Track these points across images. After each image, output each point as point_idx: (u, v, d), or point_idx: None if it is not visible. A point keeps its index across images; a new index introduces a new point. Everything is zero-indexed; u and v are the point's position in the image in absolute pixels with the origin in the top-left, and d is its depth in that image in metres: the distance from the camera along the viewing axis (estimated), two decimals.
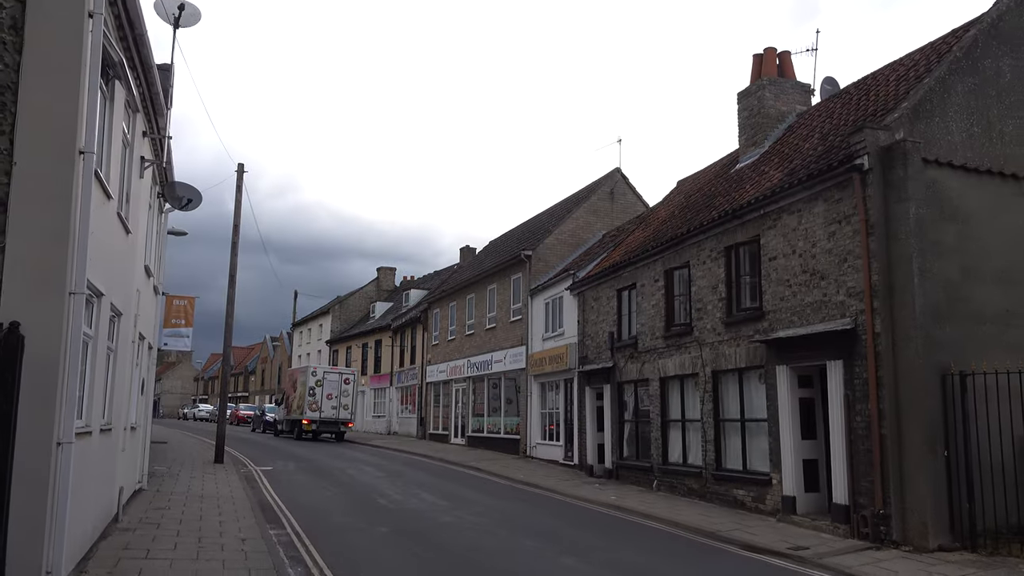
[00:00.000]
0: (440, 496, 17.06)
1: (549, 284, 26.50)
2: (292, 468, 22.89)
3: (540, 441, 26.70)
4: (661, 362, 18.27)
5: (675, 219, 20.39)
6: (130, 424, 12.49)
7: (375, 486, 18.64)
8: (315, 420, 36.13)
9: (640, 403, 19.63)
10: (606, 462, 21.09)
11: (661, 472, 18.05)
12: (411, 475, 21.68)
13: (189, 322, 27.74)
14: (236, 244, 24.64)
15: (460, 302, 36.03)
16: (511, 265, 30.20)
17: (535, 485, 19.75)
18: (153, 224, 14.05)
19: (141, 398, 14.16)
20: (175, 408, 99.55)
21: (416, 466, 24.72)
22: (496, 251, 36.80)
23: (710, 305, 16.41)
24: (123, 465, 11.89)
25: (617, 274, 21.00)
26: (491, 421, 31.62)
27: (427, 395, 39.78)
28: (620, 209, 30.18)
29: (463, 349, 34.84)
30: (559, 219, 30.43)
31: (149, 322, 14.63)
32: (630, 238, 23.46)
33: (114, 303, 9.55)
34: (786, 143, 17.59)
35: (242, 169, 24.96)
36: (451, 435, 35.89)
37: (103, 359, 9.23)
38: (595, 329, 22.34)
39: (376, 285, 62.04)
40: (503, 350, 30.21)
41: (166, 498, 14.50)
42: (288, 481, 19.40)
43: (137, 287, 11.89)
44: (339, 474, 21.36)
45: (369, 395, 50.39)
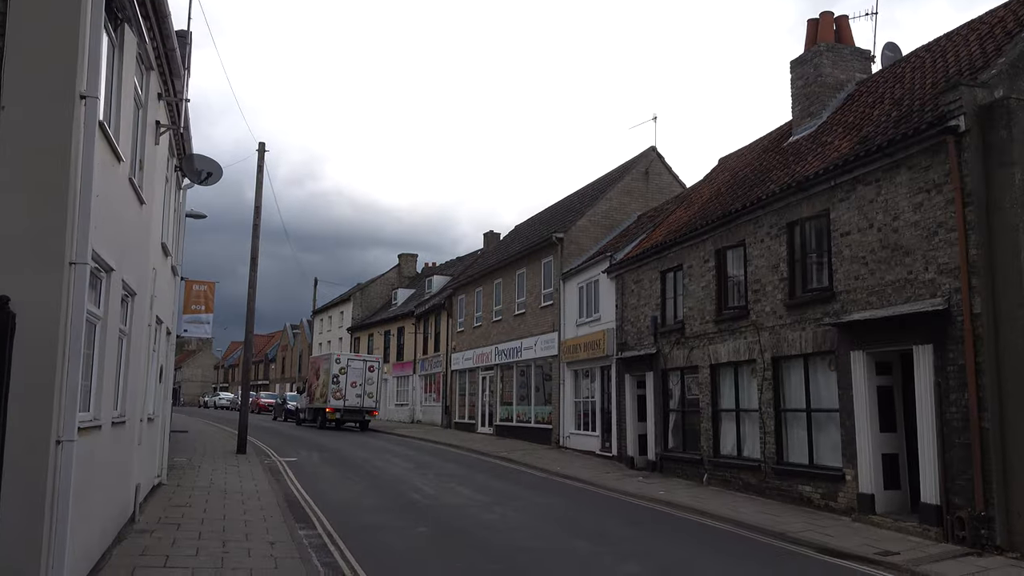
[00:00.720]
0: (476, 490, 15.99)
1: (583, 267, 25.30)
2: (317, 459, 21.93)
3: (574, 431, 25.58)
4: (712, 348, 17.06)
5: (722, 197, 19.12)
6: (147, 415, 11.48)
7: (406, 479, 17.60)
8: (339, 409, 35.10)
9: (687, 392, 18.44)
10: (649, 454, 19.93)
11: (712, 465, 16.87)
12: (442, 466, 20.64)
13: (209, 308, 26.81)
14: (258, 226, 23.63)
15: (487, 287, 34.91)
16: (541, 248, 29.01)
17: (574, 478, 18.65)
18: (171, 199, 13.00)
19: (159, 387, 13.15)
20: (196, 396, 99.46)
21: (445, 456, 23.69)
22: (524, 235, 35.61)
23: (769, 286, 15.16)
24: (140, 460, 10.88)
25: (661, 255, 19.76)
26: (520, 410, 30.53)
27: (452, 383, 38.76)
28: (655, 189, 28.88)
29: (490, 336, 33.75)
30: (592, 200, 29.17)
31: (167, 305, 13.61)
32: (671, 218, 22.20)
33: (126, 281, 8.49)
34: (849, 111, 16.25)
35: (263, 149, 23.94)
36: (478, 424, 34.86)
37: (114, 344, 8.17)
38: (635, 314, 21.14)
39: (397, 272, 61.07)
40: (533, 336, 29.07)
41: (187, 494, 13.51)
42: (314, 473, 18.41)
43: (153, 266, 10.84)
44: (366, 465, 20.36)
45: (392, 383, 49.48)
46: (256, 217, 23.62)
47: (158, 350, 12.65)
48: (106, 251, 7.14)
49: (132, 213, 8.82)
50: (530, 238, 32.13)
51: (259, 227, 23.63)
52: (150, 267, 10.48)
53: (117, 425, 8.60)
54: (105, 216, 7.06)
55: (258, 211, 23.62)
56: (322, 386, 36.42)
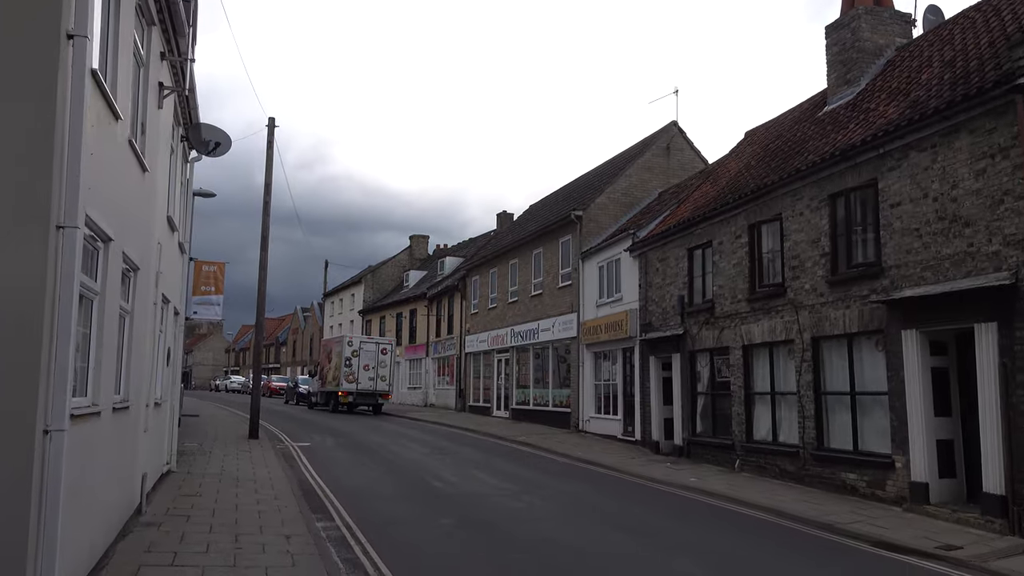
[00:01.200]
0: (499, 477, 15.29)
1: (603, 246, 24.49)
2: (331, 444, 21.31)
3: (594, 415, 24.87)
4: (745, 328, 16.26)
5: (753, 170, 18.24)
6: (153, 400, 10.80)
7: (424, 465, 16.93)
8: (351, 392, 34.38)
9: (717, 374, 17.67)
10: (675, 438, 19.20)
11: (744, 451, 16.12)
12: (460, 452, 19.97)
13: (219, 289, 26.14)
14: (268, 204, 22.89)
15: (502, 268, 34.13)
16: (559, 227, 28.17)
17: (598, 464, 17.94)
18: (177, 171, 12.26)
19: (167, 370, 12.47)
20: (207, 380, 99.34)
21: (462, 441, 23.03)
22: (540, 214, 34.76)
23: (809, 262, 14.33)
24: (147, 447, 10.20)
25: (688, 231, 18.93)
26: (537, 393, 29.83)
27: (466, 366, 38.09)
28: (677, 165, 27.96)
29: (505, 317, 33.01)
30: (611, 177, 28.28)
31: (175, 284, 12.90)
32: (696, 194, 21.34)
33: (128, 253, 7.75)
34: (892, 77, 15.33)
35: (272, 124, 23.15)
36: (493, 407, 34.21)
37: (114, 322, 7.45)
38: (660, 293, 20.34)
39: (409, 253, 60.33)
40: (551, 318, 28.31)
41: (197, 482, 12.86)
42: (329, 459, 17.77)
43: (158, 240, 10.12)
44: (382, 451, 19.70)
45: (404, 366, 48.86)
46: (266, 195, 22.88)
47: (165, 331, 11.96)
48: (103, 218, 6.40)
49: (133, 180, 8.08)
50: (547, 217, 31.29)
51: (269, 205, 22.89)
52: (154, 241, 9.75)
53: (119, 411, 7.89)
54: (101, 179, 6.32)
55: (268, 188, 22.87)
56: (334, 369, 35.79)
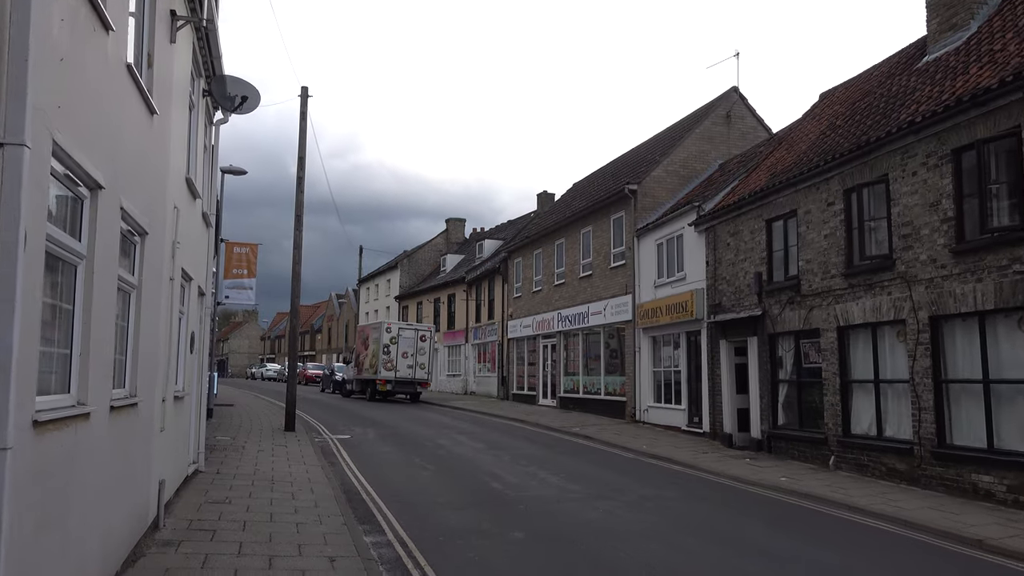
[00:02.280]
0: (564, 476, 13.57)
1: (663, 221, 22.56)
2: (373, 437, 19.77)
3: (653, 404, 23.03)
4: (840, 307, 14.31)
5: (842, 130, 16.20)
6: (173, 393, 9.22)
7: (479, 462, 15.27)
8: (390, 380, 33.23)
9: (804, 359, 15.73)
10: (752, 431, 17.32)
11: (840, 446, 14.21)
12: (514, 446, 18.29)
13: (252, 272, 24.71)
14: (302, 179, 21.31)
15: (546, 249, 32.32)
16: (611, 203, 26.26)
17: (668, 459, 16.15)
18: (198, 130, 10.64)
19: (191, 357, 10.91)
20: (243, 368, 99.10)
21: (513, 433, 21.36)
22: (587, 191, 32.84)
23: (926, 229, 12.33)
24: (164, 449, 8.63)
25: (766, 201, 16.96)
26: (588, 380, 28.05)
27: (509, 352, 36.41)
28: (738, 135, 25.88)
29: (552, 301, 31.24)
30: (667, 148, 26.27)
31: (199, 260, 11.31)
32: (769, 161, 19.32)
33: (129, 211, 6.12)
34: (1014, 15, 13.22)
35: (306, 94, 21.54)
36: (539, 396, 32.51)
37: (110, 296, 5.82)
38: (732, 271, 18.40)
39: (445, 237, 58.74)
40: (602, 300, 26.48)
41: (227, 484, 11.31)
42: (372, 454, 16.20)
43: (175, 203, 8.49)
44: (430, 445, 18.10)
45: (443, 353, 47.35)
46: (300, 170, 21.31)
47: (187, 313, 10.38)
48: (86, 154, 4.74)
49: (136, 120, 6.43)
50: (596, 193, 29.37)
51: (303, 180, 21.31)
52: (169, 203, 8.12)
53: (122, 410, 6.27)
54: (83, 102, 4.67)
55: (302, 162, 21.29)
56: (372, 356, 34.60)
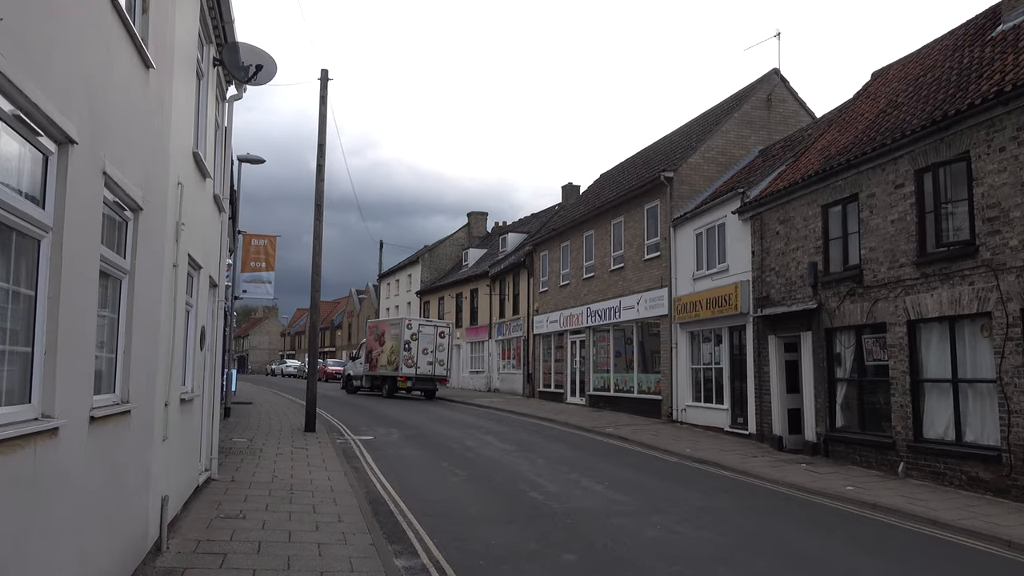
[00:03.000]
0: (608, 484, 12.41)
1: (702, 210, 21.31)
2: (397, 438, 18.70)
3: (691, 403, 21.80)
4: (911, 299, 13.03)
5: (906, 107, 14.90)
6: (179, 395, 8.15)
7: (513, 467, 14.14)
8: (411, 376, 32.99)
9: (867, 355, 14.47)
10: (805, 433, 16.07)
11: (911, 451, 12.95)
12: (547, 448, 17.16)
13: (270, 265, 23.71)
14: (322, 167, 20.26)
15: (575, 241, 31.12)
16: (645, 192, 25.02)
17: (715, 464, 14.95)
18: (207, 101, 9.55)
19: (200, 355, 9.84)
20: (263, 364, 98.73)
21: (544, 434, 20.22)
22: (616, 181, 31.59)
23: (1017, 211, 11.03)
24: (168, 460, 7.56)
25: (822, 185, 15.68)
26: (620, 378, 26.84)
27: (535, 348, 35.26)
28: (779, 119, 24.54)
29: (580, 295, 30.05)
30: (704, 134, 24.97)
31: (209, 246, 10.25)
32: (820, 144, 18.02)
33: (115, 177, 5.03)
34: None
35: (326, 77, 20.48)
36: (566, 393, 31.35)
37: (90, 281, 4.73)
38: (782, 261, 17.13)
39: (467, 231, 57.68)
40: (635, 294, 25.25)
41: (242, 495, 10.25)
42: (398, 459, 15.13)
43: (178, 178, 7.41)
44: (457, 447, 17.00)
45: (465, 349, 46.30)
46: (320, 157, 20.26)
47: (196, 306, 9.31)
48: (49, 96, 3.64)
49: (125, 69, 5.33)
50: (628, 182, 28.12)
51: (323, 168, 20.26)
52: (171, 176, 7.04)
53: (108, 419, 5.19)
54: (45, 27, 3.56)
55: (322, 149, 20.23)
56: (390, 352, 34.25)
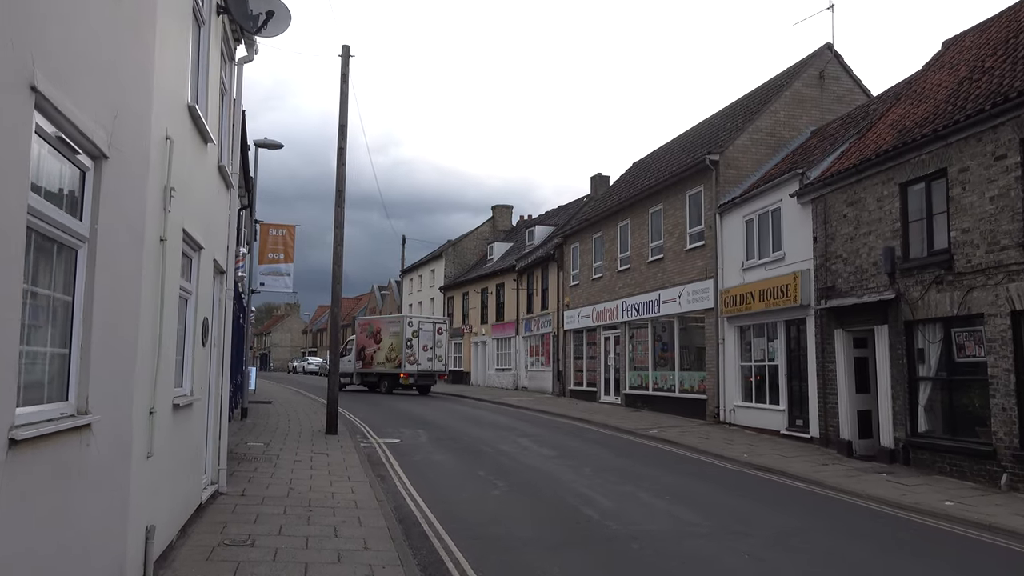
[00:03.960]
0: (671, 499, 10.87)
1: (753, 195, 19.65)
2: (425, 441, 17.30)
3: (741, 403, 20.18)
4: (1016, 286, 11.37)
5: (996, 71, 13.21)
6: (173, 400, 6.72)
7: (557, 477, 12.64)
8: (412, 373, 34.05)
9: (958, 351, 12.80)
10: (881, 438, 14.43)
11: (1016, 461, 11.29)
12: (589, 453, 15.65)
13: (289, 256, 22.35)
14: (343, 150, 18.85)
15: (608, 232, 29.53)
16: (686, 177, 23.39)
17: (781, 472, 13.37)
18: (208, 53, 8.11)
19: (203, 351, 8.42)
20: (285, 361, 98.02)
21: (583, 437, 18.72)
22: (651, 169, 29.96)
23: None
24: (156, 481, 6.13)
25: (901, 160, 14.01)
26: (659, 376, 25.24)
27: (565, 345, 33.74)
28: (833, 98, 22.79)
29: (615, 288, 28.47)
30: (752, 114, 23.29)
31: (213, 225, 8.82)
32: (889, 118, 16.34)
33: (53, 99, 3.58)
34: None
35: (347, 53, 19.08)
36: (599, 392, 29.80)
37: (15, 245, 3.28)
38: (851, 247, 15.48)
39: (492, 225, 56.23)
40: (676, 287, 23.65)
41: (252, 513, 8.83)
42: (428, 466, 13.69)
43: (166, 129, 5.97)
44: (491, 451, 15.54)
45: (491, 346, 44.87)
46: (341, 139, 18.84)
47: (196, 293, 7.88)
48: None
49: None
50: (667, 167, 26.48)
51: (344, 152, 18.84)
52: (155, 125, 5.60)
53: (48, 439, 3.74)
54: None
55: (343, 131, 18.82)
56: (389, 350, 35.24)
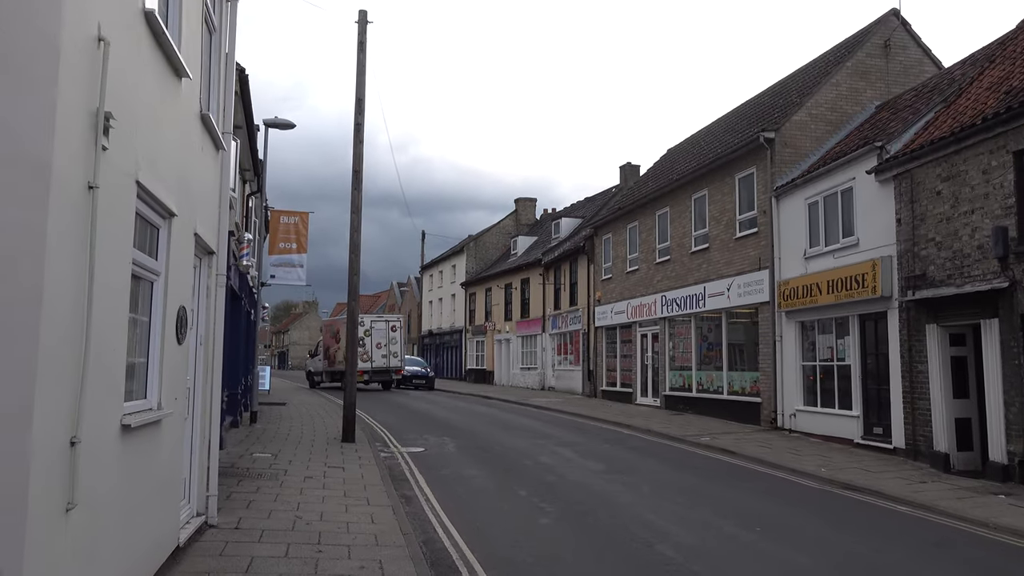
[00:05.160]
0: (763, 531, 8.85)
1: (818, 174, 17.54)
2: (452, 450, 15.41)
3: (803, 407, 18.09)
4: None
5: None
6: (122, 420, 4.82)
7: (613, 499, 10.65)
8: (367, 370, 35.96)
9: None
10: (990, 451, 12.32)
11: None
12: (643, 467, 13.67)
13: (302, 246, 20.45)
14: (360, 125, 16.93)
15: (644, 221, 27.46)
16: (736, 159, 21.30)
17: (873, 492, 11.32)
18: None
19: (179, 350, 6.50)
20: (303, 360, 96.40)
21: (628, 445, 16.72)
22: (691, 154, 27.86)
23: None
24: (92, 538, 4.23)
25: (1017, 123, 11.90)
26: (704, 376, 23.18)
27: (596, 343, 31.71)
28: (899, 69, 20.62)
29: (652, 282, 26.42)
30: (810, 87, 21.14)
31: (194, 190, 6.89)
32: (983, 82, 14.22)
33: None
34: None
35: (364, 18, 17.17)
36: (635, 394, 27.75)
37: None
38: (948, 228, 13.37)
39: (514, 219, 54.27)
40: (724, 279, 21.59)
41: (245, 557, 6.92)
42: (460, 483, 11.76)
43: (98, 27, 4.05)
44: (530, 464, 13.59)
45: (515, 344, 42.92)
46: (358, 114, 16.92)
47: (166, 274, 5.98)
48: None
49: None
50: (713, 149, 24.37)
51: (362, 127, 16.91)
52: (78, 14, 3.68)
53: None
54: None
55: (360, 105, 16.91)
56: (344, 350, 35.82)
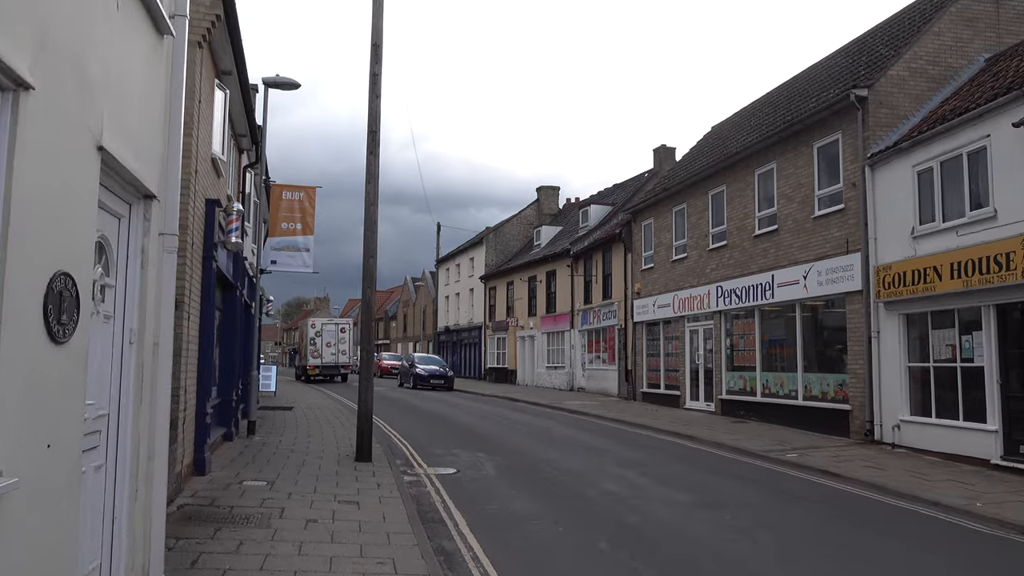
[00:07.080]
0: None
1: (932, 135, 14.46)
2: (492, 472, 12.49)
3: (912, 417, 15.01)
4: None
5: None
6: None
7: (726, 554, 7.63)
8: (318, 366, 42.25)
9: None
10: None
11: None
12: (740, 499, 10.66)
13: (308, 227, 17.39)
14: (377, 76, 13.94)
15: (694, 203, 24.40)
16: (816, 124, 18.21)
17: None
18: None
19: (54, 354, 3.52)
20: None
21: (702, 464, 13.73)
22: (747, 127, 24.73)
23: None
24: None
25: None
26: (773, 378, 20.11)
27: (635, 339, 28.67)
28: (1012, 15, 17.46)
29: (704, 271, 23.38)
30: (908, 37, 18.03)
31: (117, 91, 3.96)
32: None
33: None
34: None
35: None
36: (684, 397, 24.71)
37: None
38: None
39: (536, 208, 51.26)
40: (799, 265, 18.52)
41: None
42: (510, 523, 8.76)
43: None
44: (595, 496, 10.59)
45: (540, 341, 39.93)
46: (374, 64, 13.90)
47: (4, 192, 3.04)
48: None
49: None
50: (780, 117, 21.23)
51: (379, 77, 13.93)
52: None
53: None
54: None
55: (376, 51, 13.92)
56: (305, 347, 44.34)
